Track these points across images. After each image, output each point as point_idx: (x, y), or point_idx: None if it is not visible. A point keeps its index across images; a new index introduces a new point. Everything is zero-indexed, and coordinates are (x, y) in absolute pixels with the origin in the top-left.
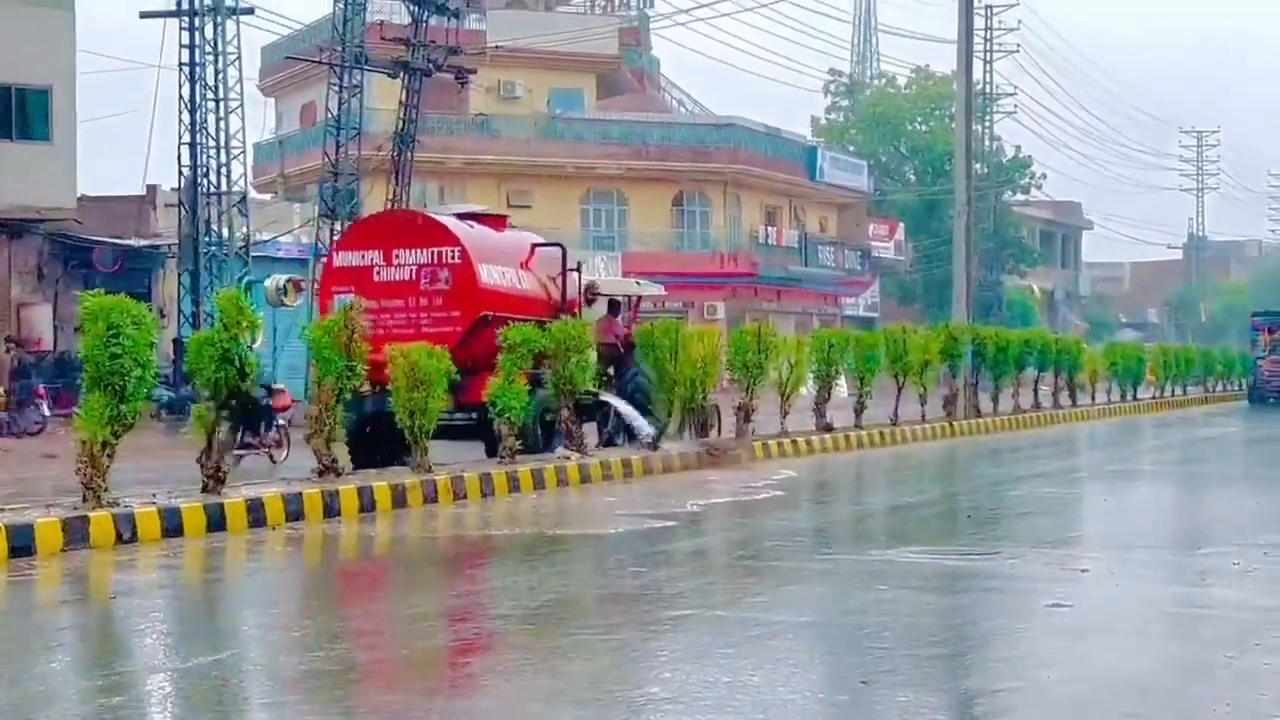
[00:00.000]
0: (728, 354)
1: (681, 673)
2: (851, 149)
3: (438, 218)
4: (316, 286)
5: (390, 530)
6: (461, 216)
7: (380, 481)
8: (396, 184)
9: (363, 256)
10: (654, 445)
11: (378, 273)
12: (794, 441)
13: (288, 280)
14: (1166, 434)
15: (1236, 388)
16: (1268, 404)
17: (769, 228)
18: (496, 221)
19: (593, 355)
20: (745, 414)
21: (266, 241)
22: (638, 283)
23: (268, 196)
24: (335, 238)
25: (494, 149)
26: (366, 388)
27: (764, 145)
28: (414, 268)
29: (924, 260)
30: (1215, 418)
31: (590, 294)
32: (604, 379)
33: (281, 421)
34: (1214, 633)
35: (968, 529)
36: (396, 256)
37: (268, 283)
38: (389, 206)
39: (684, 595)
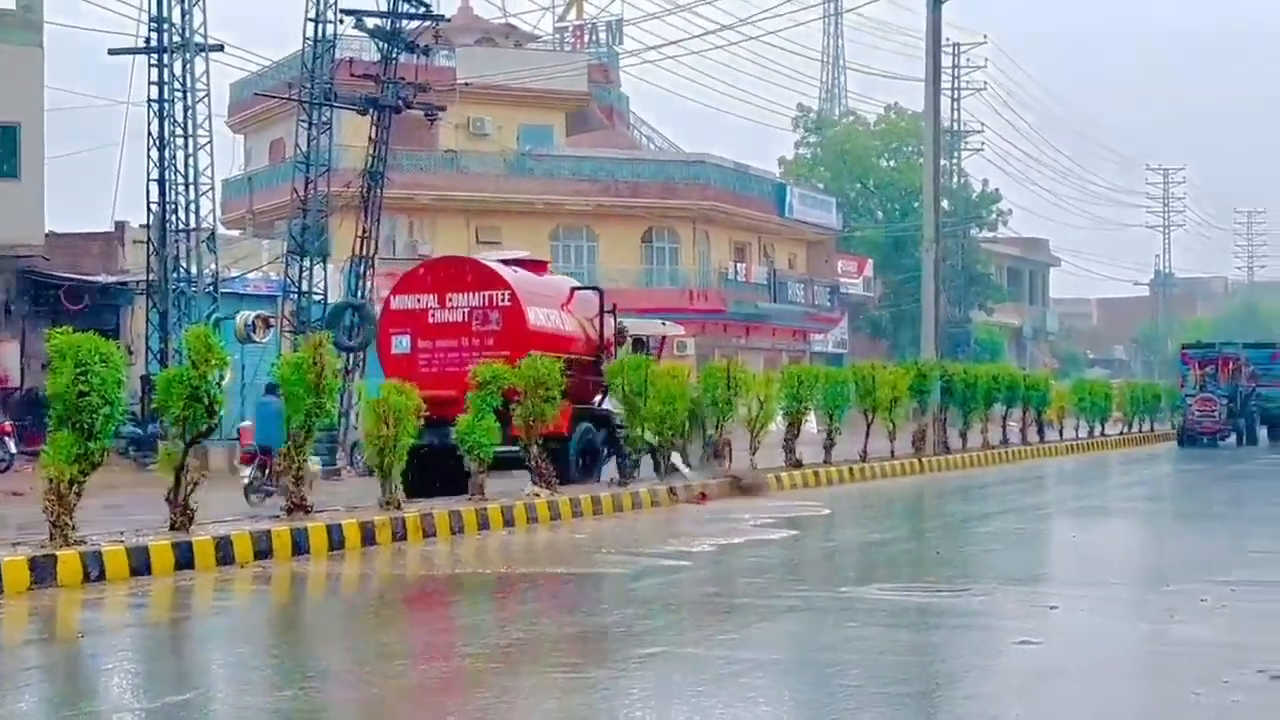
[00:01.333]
0: (697, 391)
1: (652, 712)
2: (820, 186)
3: (488, 264)
4: (285, 324)
5: (358, 568)
6: (506, 262)
7: (349, 519)
8: (365, 220)
9: (418, 300)
10: (623, 482)
11: (432, 315)
12: (764, 478)
13: (256, 317)
14: (1133, 470)
15: None
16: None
17: (738, 264)
18: (538, 266)
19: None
20: (714, 451)
21: (235, 278)
22: (663, 323)
23: (236, 233)
24: (319, 270)
25: (463, 185)
26: (420, 422)
27: (733, 182)
28: (466, 310)
29: (893, 297)
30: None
31: (620, 336)
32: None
33: None
34: (1182, 670)
35: (937, 565)
36: (450, 300)
37: (236, 319)
38: (359, 244)
39: (654, 633)
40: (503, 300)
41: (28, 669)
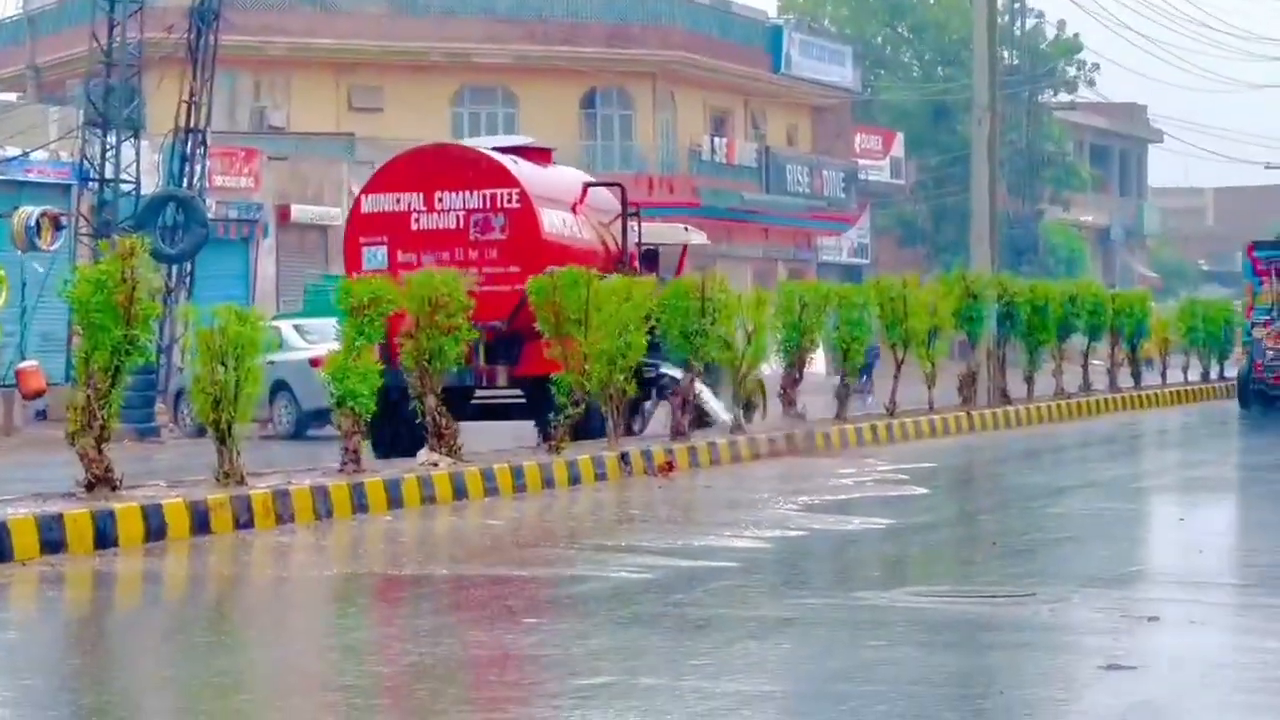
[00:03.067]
0: (660, 317)
1: None
2: (831, 30)
3: (489, 154)
4: (82, 224)
5: (186, 566)
6: (502, 150)
7: (173, 499)
8: (195, 79)
9: (398, 200)
10: (554, 447)
11: (417, 220)
12: (751, 441)
13: (42, 214)
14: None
15: None
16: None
17: (716, 139)
18: (541, 156)
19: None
20: (684, 403)
21: (12, 159)
22: (685, 229)
23: (13, 97)
24: (91, 146)
25: (330, 29)
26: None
27: (709, 23)
28: (462, 214)
29: (932, 185)
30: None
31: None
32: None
33: None
34: None
35: (993, 561)
36: (440, 200)
37: (14, 217)
38: (185, 112)
39: (600, 658)
40: (510, 201)
41: None
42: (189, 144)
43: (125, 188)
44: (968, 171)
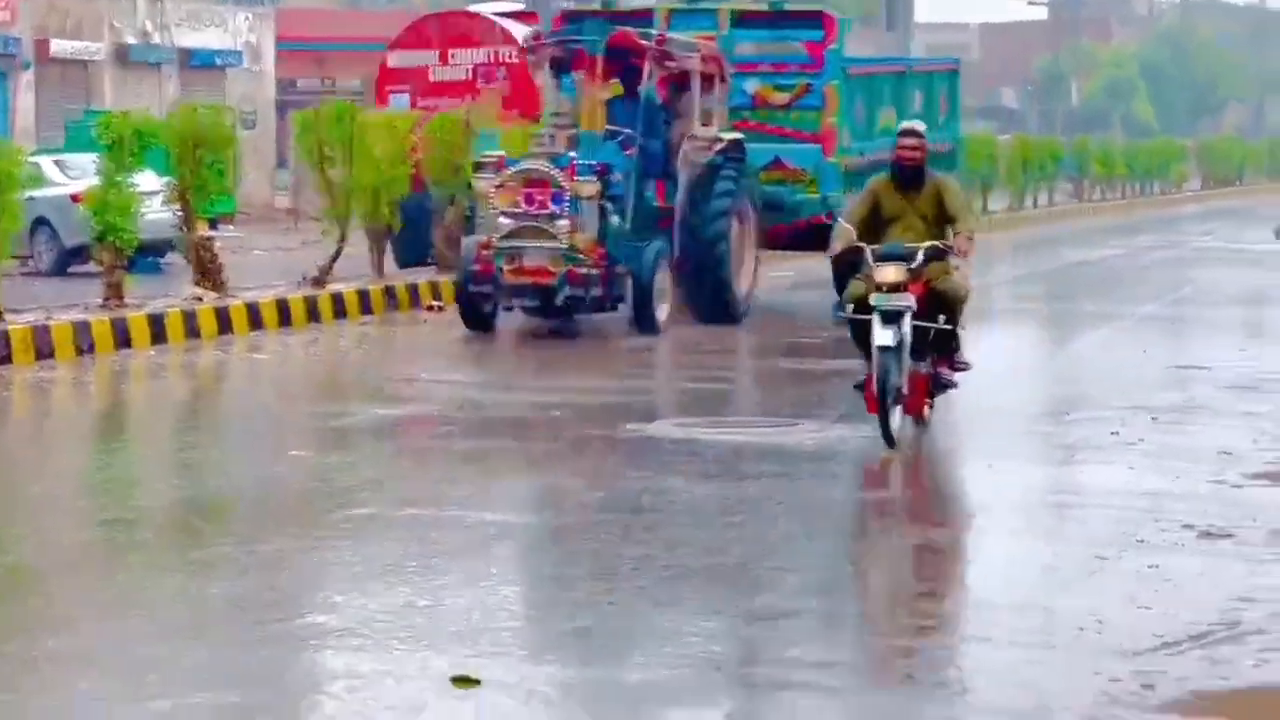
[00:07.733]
0: (428, 153)
1: (359, 594)
2: None
3: (493, 18)
4: None
5: None
6: (500, 15)
7: None
8: None
9: (418, 56)
10: (319, 280)
11: (433, 72)
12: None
13: None
14: (1031, 259)
15: (1118, 194)
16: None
17: None
18: (530, 18)
19: None
20: (447, 237)
21: None
22: None
23: None
24: None
25: None
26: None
27: None
28: (470, 67)
29: None
30: (1095, 235)
31: None
32: None
33: None
34: (1085, 526)
35: (758, 392)
36: (452, 56)
37: None
38: None
39: (364, 488)
40: (510, 57)
41: None
42: None
43: None
44: None
